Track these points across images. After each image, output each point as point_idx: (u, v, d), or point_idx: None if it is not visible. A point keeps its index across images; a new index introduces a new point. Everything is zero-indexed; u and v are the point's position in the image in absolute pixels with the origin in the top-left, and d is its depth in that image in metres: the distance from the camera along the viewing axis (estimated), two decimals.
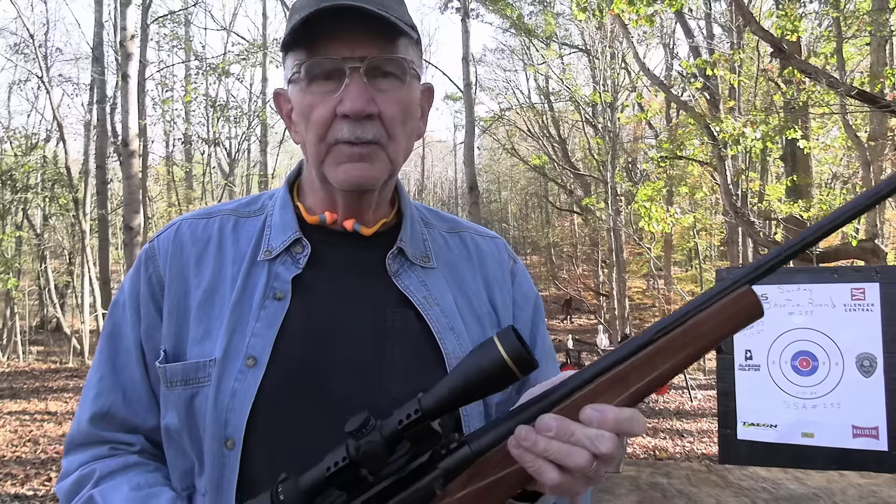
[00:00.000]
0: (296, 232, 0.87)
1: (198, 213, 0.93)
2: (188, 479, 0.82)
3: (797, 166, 10.68)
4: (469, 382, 0.60)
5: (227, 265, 0.87)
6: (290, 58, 0.83)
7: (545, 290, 25.80)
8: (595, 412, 0.59)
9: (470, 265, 0.95)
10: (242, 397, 0.78)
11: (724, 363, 2.56)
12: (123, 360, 0.88)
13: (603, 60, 15.23)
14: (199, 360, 0.81)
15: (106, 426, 0.86)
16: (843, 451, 2.31)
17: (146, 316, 0.87)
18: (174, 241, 0.89)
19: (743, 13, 6.96)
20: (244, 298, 0.83)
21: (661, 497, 1.78)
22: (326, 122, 0.80)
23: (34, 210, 18.31)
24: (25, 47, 16.07)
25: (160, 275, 0.87)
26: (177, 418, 0.81)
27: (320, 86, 0.80)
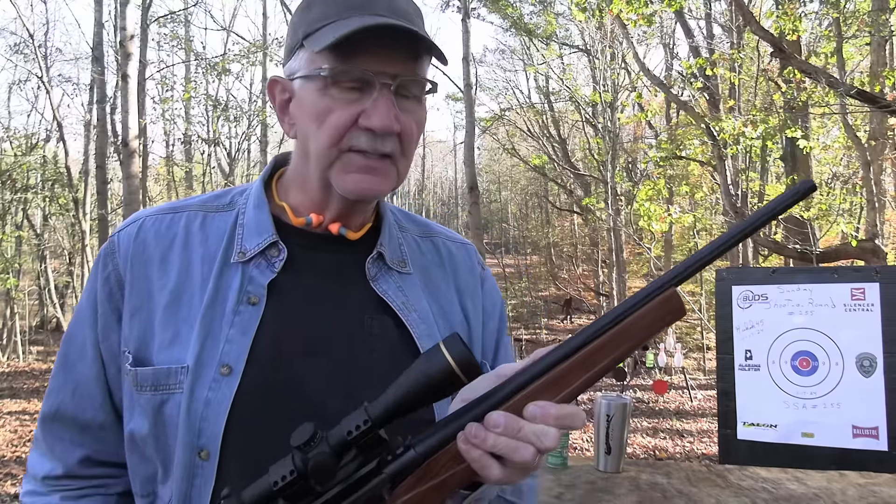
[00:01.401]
0: (272, 235, 0.84)
1: (162, 207, 0.89)
2: (150, 485, 0.81)
3: (797, 166, 10.68)
4: (417, 389, 0.61)
5: (196, 265, 0.83)
6: (309, 53, 0.79)
7: (545, 290, 25.79)
8: (538, 409, 0.61)
9: (442, 271, 0.94)
10: (217, 407, 0.75)
11: (724, 363, 2.56)
12: (74, 358, 0.86)
13: (603, 60, 15.24)
14: (170, 366, 0.78)
15: (56, 427, 0.86)
16: (843, 451, 2.31)
17: (102, 316, 0.84)
18: (136, 238, 0.85)
19: (743, 13, 6.96)
20: (216, 302, 0.80)
21: (661, 497, 1.78)
22: (344, 128, 0.78)
23: (34, 210, 18.31)
24: (25, 47, 16.08)
25: (119, 274, 0.84)
26: (145, 424, 0.79)
27: (343, 92, 0.77)
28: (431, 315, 0.88)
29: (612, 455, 1.98)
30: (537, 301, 24.08)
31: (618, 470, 1.99)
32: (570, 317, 22.79)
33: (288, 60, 0.82)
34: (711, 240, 0.66)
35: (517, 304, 22.46)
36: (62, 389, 0.86)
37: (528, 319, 21.83)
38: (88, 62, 15.47)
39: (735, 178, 9.21)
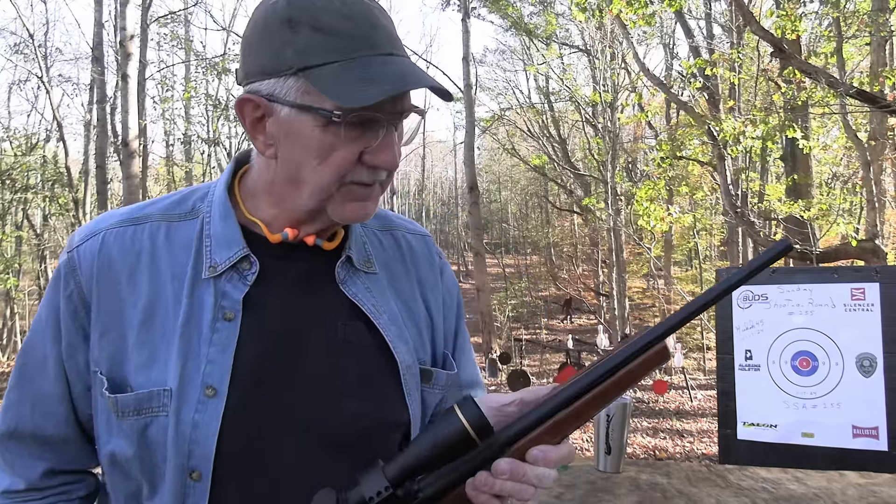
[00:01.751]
0: (243, 248, 0.82)
1: (121, 217, 0.86)
2: (134, 500, 0.81)
3: (797, 166, 10.69)
4: (433, 452, 0.66)
5: (166, 280, 0.81)
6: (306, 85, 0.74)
7: (545, 290, 25.80)
8: (541, 453, 0.67)
9: (404, 266, 0.95)
10: (206, 430, 0.75)
11: (724, 363, 2.56)
12: (32, 374, 0.84)
13: (603, 60, 15.24)
14: (151, 389, 0.77)
15: (13, 445, 0.84)
16: (843, 451, 2.31)
17: (67, 334, 0.82)
18: (100, 254, 0.82)
19: (743, 13, 6.97)
20: (191, 319, 0.79)
21: (661, 497, 1.78)
22: (350, 166, 0.77)
23: (34, 210, 18.31)
24: (25, 47, 16.09)
25: (83, 292, 0.81)
26: (129, 447, 0.78)
27: (350, 130, 0.75)
28: (400, 316, 0.89)
29: (612, 455, 1.98)
30: (537, 301, 24.09)
31: (618, 470, 1.99)
32: (570, 317, 22.79)
33: (261, 78, 0.77)
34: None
35: (517, 304, 22.47)
36: (20, 405, 0.84)
37: (528, 319, 21.84)
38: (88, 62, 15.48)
39: (735, 178, 9.21)
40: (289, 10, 0.75)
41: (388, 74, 0.74)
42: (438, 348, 0.95)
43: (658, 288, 19.43)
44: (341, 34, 0.74)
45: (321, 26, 0.74)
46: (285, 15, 0.75)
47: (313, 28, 0.74)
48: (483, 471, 0.67)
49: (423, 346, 0.92)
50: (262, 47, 0.77)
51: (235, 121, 19.07)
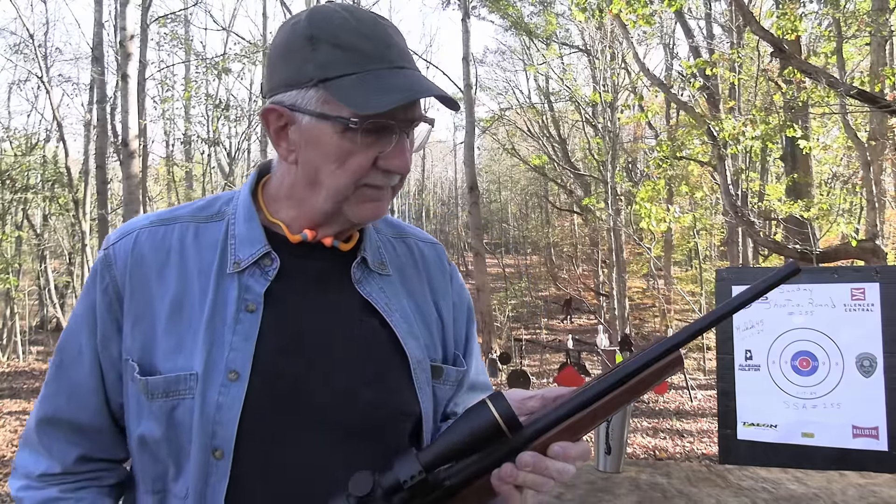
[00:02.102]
0: (265, 245, 0.89)
1: (154, 218, 0.93)
2: (160, 482, 0.86)
3: (797, 166, 10.69)
4: (464, 441, 0.71)
5: (193, 276, 0.88)
6: (325, 95, 0.82)
7: (545, 289, 25.79)
8: (561, 449, 0.73)
9: (416, 272, 1.01)
10: (228, 411, 0.81)
11: (724, 363, 2.56)
12: (69, 366, 0.90)
13: (603, 60, 15.23)
14: (179, 373, 0.83)
15: (51, 430, 0.90)
16: (843, 451, 2.31)
17: (102, 326, 0.88)
18: (133, 251, 0.89)
19: (743, 13, 6.97)
20: (217, 311, 0.85)
21: (661, 497, 1.78)
22: (366, 170, 0.84)
23: (34, 210, 18.30)
24: (25, 47, 16.08)
25: (118, 286, 0.88)
26: (157, 428, 0.83)
27: (365, 137, 0.82)
28: (410, 314, 0.95)
29: (612, 455, 1.98)
30: (537, 301, 24.09)
31: (618, 470, 1.99)
32: (570, 317, 22.78)
33: (284, 90, 0.84)
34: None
35: (517, 304, 22.47)
36: (58, 395, 0.90)
37: (528, 319, 21.84)
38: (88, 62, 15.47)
39: (735, 178, 9.21)
40: (310, 30, 0.83)
41: (400, 85, 0.81)
42: (449, 349, 1.00)
43: (658, 288, 19.42)
44: (358, 50, 0.82)
45: (340, 43, 0.82)
46: (307, 33, 0.83)
47: (333, 45, 0.82)
48: (508, 462, 0.72)
49: (434, 345, 0.97)
50: (286, 62, 0.85)
51: (235, 121, 19.06)
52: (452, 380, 0.98)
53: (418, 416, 0.92)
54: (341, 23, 0.83)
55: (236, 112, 18.85)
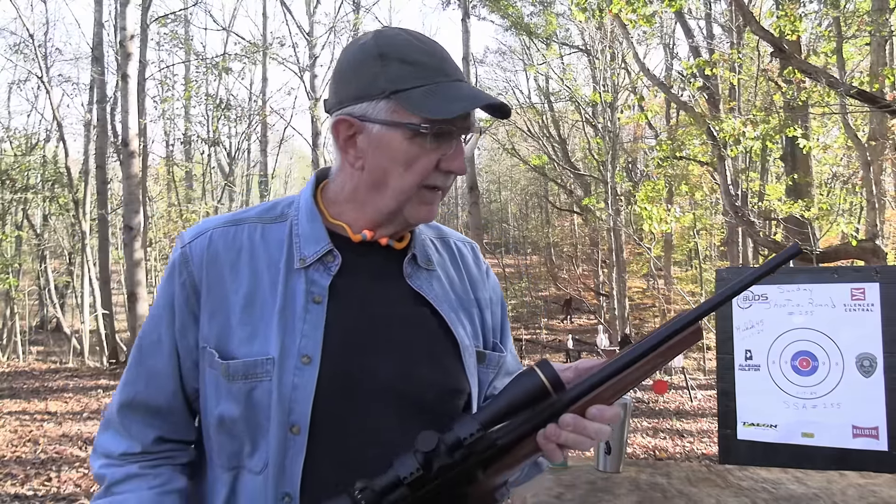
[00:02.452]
0: (328, 243, 0.98)
1: (224, 220, 1.03)
2: (236, 459, 0.94)
3: (797, 166, 10.68)
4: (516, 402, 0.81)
5: (263, 271, 0.97)
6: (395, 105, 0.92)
7: (545, 289, 25.80)
8: (598, 411, 0.83)
9: (456, 268, 1.11)
10: (304, 391, 0.91)
11: (724, 363, 2.56)
12: (148, 354, 0.99)
13: (603, 60, 15.23)
14: (256, 357, 0.93)
15: (131, 413, 0.99)
16: (843, 451, 2.31)
17: (180, 317, 0.98)
18: (208, 249, 0.99)
19: (743, 13, 6.97)
20: (287, 303, 0.95)
21: (661, 497, 1.78)
22: (429, 172, 0.95)
23: (34, 210, 18.30)
24: (25, 47, 16.08)
25: (194, 281, 0.98)
26: (236, 408, 0.93)
27: (431, 142, 0.93)
28: (456, 305, 1.06)
29: (612, 455, 1.98)
30: (537, 301, 24.09)
31: (618, 470, 1.99)
32: (570, 317, 22.79)
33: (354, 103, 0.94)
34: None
35: (517, 304, 22.48)
36: (137, 381, 1.00)
37: (528, 319, 21.84)
38: (88, 62, 15.47)
39: (735, 178, 9.20)
40: (378, 48, 0.94)
41: (463, 95, 0.93)
42: (488, 337, 1.11)
43: (658, 288, 19.43)
44: (424, 65, 0.93)
45: (408, 59, 0.93)
46: (376, 52, 0.94)
47: (401, 61, 0.93)
48: (552, 423, 0.82)
49: (476, 334, 1.08)
50: (356, 77, 0.95)
51: (235, 121, 19.07)
52: (494, 364, 1.09)
53: (468, 394, 1.02)
54: (404, 42, 0.94)
55: (236, 112, 18.86)
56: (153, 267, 15.68)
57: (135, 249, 11.76)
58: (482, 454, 0.82)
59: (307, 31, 17.22)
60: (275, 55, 18.03)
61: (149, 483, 0.96)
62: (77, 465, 5.74)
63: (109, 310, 13.64)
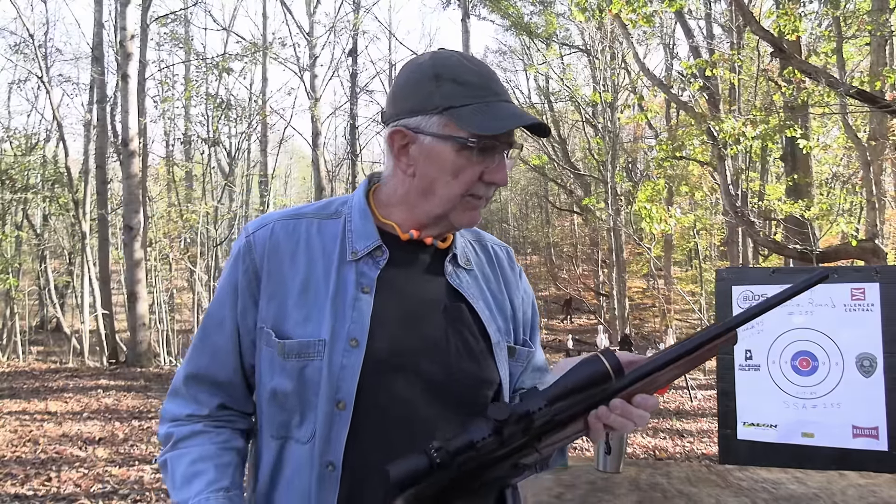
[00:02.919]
0: (377, 240, 1.08)
1: (286, 214, 1.13)
2: (284, 429, 1.03)
3: (797, 166, 10.68)
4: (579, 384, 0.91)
5: (318, 261, 1.07)
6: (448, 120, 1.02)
7: (545, 289, 25.79)
8: (643, 400, 0.93)
9: (493, 269, 1.20)
10: (351, 370, 1.00)
11: (724, 363, 2.56)
12: (212, 331, 1.10)
13: (603, 60, 15.23)
14: (310, 339, 1.02)
15: (195, 384, 1.09)
16: (843, 451, 2.31)
17: (242, 300, 1.08)
18: (270, 239, 1.08)
19: (743, 13, 6.97)
20: (339, 292, 1.04)
21: (661, 497, 1.78)
22: (474, 182, 1.04)
23: (34, 210, 18.30)
24: (25, 47, 16.07)
25: (257, 267, 1.07)
26: (288, 383, 1.02)
27: (477, 155, 1.03)
28: (491, 303, 1.14)
29: (612, 455, 1.98)
30: (537, 301, 24.00)
31: (618, 470, 1.99)
32: (570, 317, 22.78)
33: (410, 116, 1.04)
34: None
35: None
36: (201, 356, 1.10)
37: None
38: (88, 62, 15.47)
39: (735, 178, 9.20)
40: (434, 69, 1.04)
41: (508, 114, 1.02)
42: (519, 334, 1.19)
43: (658, 288, 19.42)
44: (475, 85, 1.03)
45: (460, 80, 1.03)
46: (432, 72, 1.04)
47: (455, 81, 1.03)
48: (603, 405, 0.92)
49: (509, 330, 1.16)
50: (412, 93, 1.05)
51: (235, 121, 19.05)
52: (523, 359, 1.18)
53: (499, 384, 1.11)
54: (457, 64, 1.05)
55: (236, 112, 18.85)
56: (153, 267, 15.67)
57: (135, 249, 11.77)
58: (543, 427, 0.90)
59: (307, 31, 17.22)
60: (275, 55, 18.04)
61: (212, 439, 1.06)
62: (77, 465, 5.74)
63: (109, 310, 13.64)
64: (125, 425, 7.35)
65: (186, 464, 1.04)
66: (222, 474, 1.04)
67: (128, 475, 5.43)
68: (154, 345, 13.45)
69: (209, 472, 1.03)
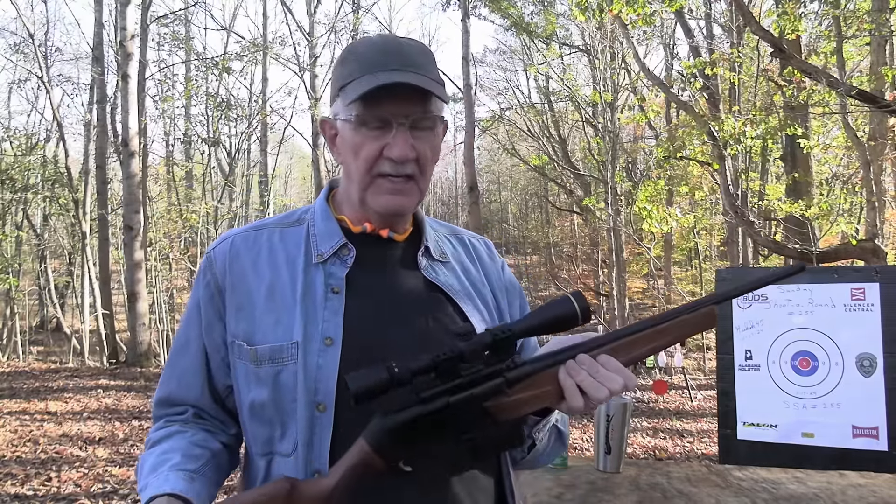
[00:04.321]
0: (342, 238, 1.06)
1: (246, 227, 1.12)
2: (269, 445, 1.00)
3: (797, 166, 10.68)
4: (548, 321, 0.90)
5: (282, 267, 1.05)
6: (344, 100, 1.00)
7: (545, 289, 25.78)
8: (606, 358, 0.90)
9: (471, 261, 1.18)
10: (328, 370, 0.97)
11: (724, 363, 2.56)
12: (178, 354, 1.08)
13: (603, 60, 15.22)
14: (282, 342, 0.99)
15: (165, 407, 1.08)
16: (843, 451, 2.31)
17: (206, 315, 1.06)
18: (230, 251, 1.07)
19: (743, 13, 6.96)
20: (308, 294, 1.01)
21: (661, 497, 1.78)
22: (373, 159, 1.00)
23: (34, 210, 18.29)
24: (25, 47, 16.06)
25: (218, 281, 1.06)
26: (264, 392, 0.99)
27: (371, 131, 0.99)
28: (472, 295, 1.11)
29: (612, 455, 1.98)
30: (537, 301, 24.06)
31: (618, 470, 1.99)
32: None
33: (332, 105, 1.04)
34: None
35: None
36: (170, 380, 1.08)
37: None
38: (88, 62, 15.47)
39: (735, 178, 9.20)
40: (344, 52, 1.04)
41: (387, 79, 0.95)
42: None
43: (658, 288, 19.41)
44: (367, 60, 0.99)
45: (357, 57, 1.00)
46: (342, 55, 1.03)
47: (354, 59, 1.00)
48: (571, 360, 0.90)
49: (493, 321, 1.14)
50: (332, 81, 1.05)
51: (235, 120, 19.07)
52: None
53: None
54: (365, 42, 1.02)
55: (237, 112, 18.85)
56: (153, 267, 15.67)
57: (135, 249, 11.77)
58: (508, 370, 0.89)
59: (307, 30, 17.22)
60: (275, 56, 18.03)
61: (186, 436, 1.03)
62: (77, 465, 5.74)
63: (109, 310, 13.64)
64: (125, 425, 7.35)
65: (155, 455, 1.01)
66: (188, 461, 0.99)
67: (128, 475, 5.43)
68: (154, 345, 13.44)
69: (175, 458, 0.99)
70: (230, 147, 20.12)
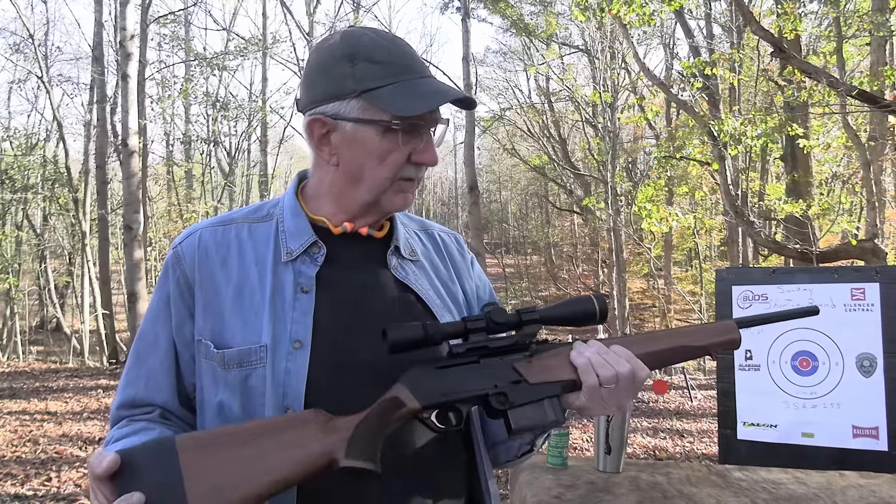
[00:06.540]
0: (312, 236, 1.03)
1: (213, 221, 1.09)
2: None
3: (797, 166, 10.68)
4: (567, 316, 0.97)
5: (251, 266, 1.02)
6: (367, 103, 0.97)
7: (545, 289, 25.78)
8: (618, 346, 0.96)
9: (441, 257, 1.17)
10: (297, 374, 0.95)
11: (724, 363, 2.56)
12: (145, 353, 1.03)
13: (603, 60, 15.22)
14: (250, 346, 0.96)
15: (129, 409, 1.02)
16: (843, 451, 2.31)
17: (177, 313, 1.02)
18: (199, 247, 1.04)
19: (743, 13, 6.96)
20: (276, 293, 0.99)
21: (661, 497, 1.78)
22: (402, 165, 1.00)
23: (34, 210, 18.29)
24: (25, 47, 16.07)
25: (187, 278, 1.02)
26: (233, 396, 0.96)
27: (402, 137, 0.98)
28: (442, 292, 1.10)
29: (612, 455, 1.98)
30: (537, 301, 24.06)
31: (618, 470, 1.99)
32: None
33: (326, 102, 0.99)
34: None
35: (517, 305, 22.44)
36: (137, 381, 1.03)
37: None
38: (88, 62, 15.46)
39: (735, 178, 9.20)
40: (346, 49, 0.99)
41: (430, 91, 0.98)
42: None
43: (658, 288, 19.41)
44: (391, 64, 0.98)
45: (375, 59, 0.97)
46: (343, 52, 0.98)
47: (370, 61, 0.97)
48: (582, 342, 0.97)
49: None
50: (326, 78, 0.99)
51: (234, 119, 19.06)
52: None
53: None
54: (370, 41, 0.99)
55: (236, 111, 18.85)
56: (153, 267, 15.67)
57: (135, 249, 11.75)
58: (530, 340, 0.96)
59: (307, 31, 17.22)
60: (275, 56, 18.04)
61: (156, 433, 0.97)
62: (77, 465, 5.74)
63: (109, 310, 13.64)
64: None
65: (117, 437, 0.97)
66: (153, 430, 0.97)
67: None
68: None
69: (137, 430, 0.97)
70: (230, 147, 20.13)
